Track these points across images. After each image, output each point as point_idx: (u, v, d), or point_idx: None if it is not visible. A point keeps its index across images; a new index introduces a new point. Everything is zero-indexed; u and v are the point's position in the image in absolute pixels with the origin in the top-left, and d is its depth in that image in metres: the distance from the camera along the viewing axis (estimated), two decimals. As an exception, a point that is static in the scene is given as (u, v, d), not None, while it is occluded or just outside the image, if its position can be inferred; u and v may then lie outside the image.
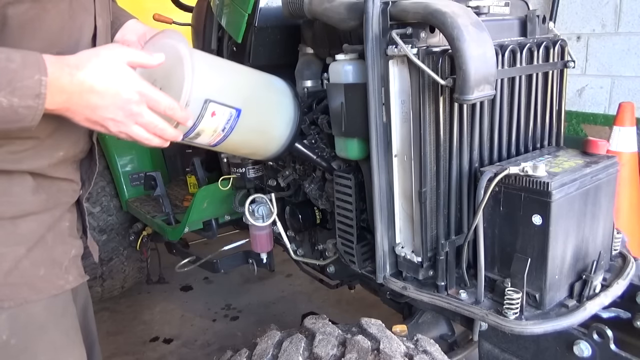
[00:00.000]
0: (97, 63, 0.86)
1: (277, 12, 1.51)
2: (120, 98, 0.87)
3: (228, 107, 1.18)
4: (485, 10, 1.24)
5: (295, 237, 1.77)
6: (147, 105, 0.91)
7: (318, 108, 1.48)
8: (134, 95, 0.89)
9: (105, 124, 0.89)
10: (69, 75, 0.83)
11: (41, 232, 0.96)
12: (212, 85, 1.15)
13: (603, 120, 3.00)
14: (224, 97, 1.17)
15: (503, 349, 1.34)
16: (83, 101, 0.85)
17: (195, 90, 1.05)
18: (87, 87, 0.84)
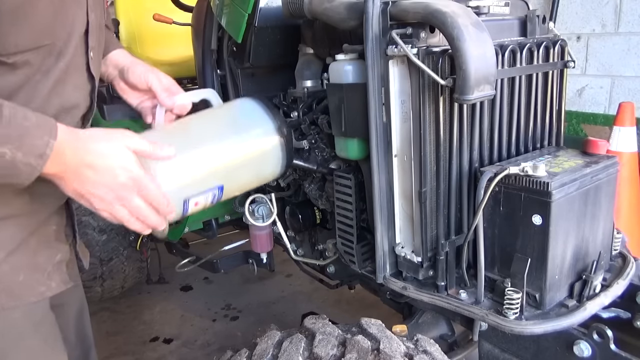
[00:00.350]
0: (105, 145, 0.89)
1: (277, 12, 1.51)
2: (115, 181, 0.89)
3: (209, 191, 1.13)
4: (485, 10, 1.24)
5: (295, 237, 1.77)
6: (137, 193, 0.92)
7: (318, 108, 1.48)
8: (129, 181, 0.90)
9: (91, 199, 0.90)
10: (74, 149, 0.85)
11: (23, 236, 0.93)
12: (185, 186, 1.09)
13: (603, 120, 3.01)
14: (200, 187, 1.12)
15: (503, 349, 1.34)
16: (78, 174, 0.87)
17: (171, 198, 1.03)
18: (86, 163, 0.87)
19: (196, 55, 1.81)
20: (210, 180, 1.14)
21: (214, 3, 1.67)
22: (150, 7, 2.74)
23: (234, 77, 1.73)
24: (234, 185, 1.20)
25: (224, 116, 1.20)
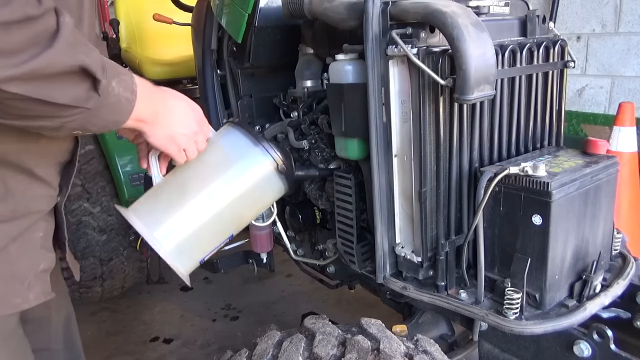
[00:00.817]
0: (169, 90, 1.01)
1: (277, 12, 1.51)
2: (191, 120, 1.03)
3: (218, 246, 1.19)
4: (485, 10, 1.24)
5: (295, 237, 1.77)
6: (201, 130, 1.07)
7: (318, 108, 1.48)
8: (200, 118, 1.06)
9: (179, 139, 1.02)
10: (157, 91, 0.95)
11: (3, 243, 0.89)
12: (194, 256, 1.16)
13: (603, 120, 3.01)
14: (211, 248, 1.18)
15: (503, 349, 1.34)
16: (165, 116, 0.97)
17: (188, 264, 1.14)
18: (169, 105, 0.98)
19: (196, 55, 1.81)
20: (219, 238, 1.18)
21: (214, 3, 1.67)
22: (150, 7, 2.75)
23: (234, 77, 1.73)
24: (241, 223, 1.22)
25: (212, 157, 1.17)
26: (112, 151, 2.44)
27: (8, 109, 0.73)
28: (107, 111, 0.83)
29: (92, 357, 2.42)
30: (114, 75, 0.82)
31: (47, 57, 0.71)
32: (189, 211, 1.12)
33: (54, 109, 0.76)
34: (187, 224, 1.12)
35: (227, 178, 1.15)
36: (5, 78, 0.68)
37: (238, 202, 1.16)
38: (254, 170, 1.17)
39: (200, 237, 1.14)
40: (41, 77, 0.72)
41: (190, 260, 1.15)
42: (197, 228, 1.12)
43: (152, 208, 1.12)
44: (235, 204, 1.16)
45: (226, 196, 1.15)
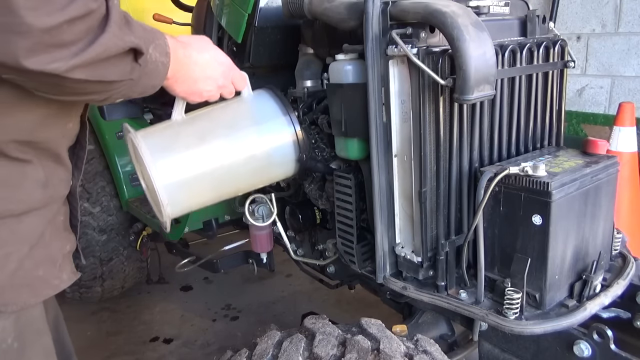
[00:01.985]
0: (200, 43, 1.05)
1: (277, 12, 1.51)
2: (216, 73, 1.06)
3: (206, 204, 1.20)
4: (485, 10, 1.24)
5: (295, 237, 1.77)
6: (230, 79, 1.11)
7: (318, 108, 1.48)
8: (226, 70, 1.09)
9: (203, 92, 1.06)
10: (182, 48, 0.97)
11: (42, 228, 0.92)
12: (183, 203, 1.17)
13: (603, 120, 3.01)
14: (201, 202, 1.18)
15: (503, 349, 1.34)
16: (189, 73, 1.01)
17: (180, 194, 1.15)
18: (193, 60, 1.01)
19: (196, 55, 1.81)
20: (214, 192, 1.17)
21: (214, 3, 1.67)
22: (150, 7, 2.74)
23: (234, 77, 1.73)
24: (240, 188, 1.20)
25: (238, 112, 1.19)
26: (112, 151, 2.44)
27: (65, 89, 0.78)
28: (147, 77, 0.87)
29: (92, 357, 2.42)
30: (151, 42, 0.85)
31: (102, 43, 0.75)
32: (198, 155, 1.12)
33: (105, 86, 0.81)
34: (191, 166, 1.11)
35: (244, 135, 1.15)
36: (71, 67, 0.73)
37: (247, 163, 1.16)
38: (274, 135, 1.18)
39: (196, 184, 1.12)
40: (98, 61, 0.76)
41: (177, 203, 1.12)
42: (197, 174, 1.11)
43: (163, 139, 1.12)
44: (243, 165, 1.15)
45: (238, 152, 1.15)
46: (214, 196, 1.17)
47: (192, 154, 1.11)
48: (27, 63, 0.69)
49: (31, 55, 0.69)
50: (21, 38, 0.68)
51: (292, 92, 1.61)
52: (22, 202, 0.87)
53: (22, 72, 0.71)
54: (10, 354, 0.92)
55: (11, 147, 0.84)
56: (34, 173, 0.89)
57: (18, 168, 0.86)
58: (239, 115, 1.16)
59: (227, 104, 1.13)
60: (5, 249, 0.86)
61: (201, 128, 1.13)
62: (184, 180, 1.10)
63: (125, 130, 1.10)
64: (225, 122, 1.15)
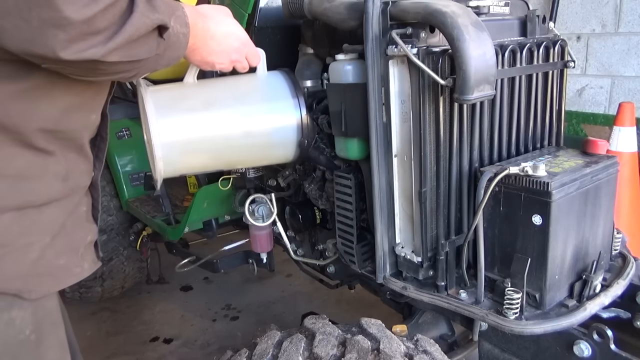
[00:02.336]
0: (220, 16, 1.06)
1: (277, 12, 1.51)
2: (231, 47, 1.08)
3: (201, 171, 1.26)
4: (485, 10, 1.24)
5: (295, 237, 1.77)
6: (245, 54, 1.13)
7: (318, 108, 1.48)
8: (241, 46, 1.11)
9: (215, 63, 1.06)
10: (200, 18, 0.98)
11: (63, 219, 0.94)
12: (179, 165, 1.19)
13: (603, 120, 3.01)
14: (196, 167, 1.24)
15: (503, 349, 1.34)
16: (205, 44, 1.02)
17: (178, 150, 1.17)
18: (211, 34, 1.02)
19: (196, 55, 1.81)
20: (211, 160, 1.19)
21: (214, 3, 1.67)
22: (150, 7, 2.74)
23: (234, 77, 1.73)
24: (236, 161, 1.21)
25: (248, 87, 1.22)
26: (112, 151, 2.44)
27: (101, 72, 0.80)
28: (170, 50, 0.88)
29: (92, 357, 2.42)
30: (172, 15, 0.86)
31: (132, 24, 0.77)
32: (199, 119, 1.14)
33: (136, 64, 0.83)
34: (191, 129, 1.14)
35: (249, 109, 1.17)
36: (107, 51, 0.75)
37: (247, 136, 1.17)
38: (279, 115, 1.19)
39: (193, 148, 1.15)
40: (131, 42, 0.78)
41: (172, 163, 1.15)
42: (196, 138, 1.14)
43: (170, 97, 1.14)
44: (243, 138, 1.17)
45: (239, 125, 1.16)
46: (208, 163, 1.21)
47: (194, 117, 1.14)
48: (65, 54, 0.71)
49: (69, 46, 0.71)
50: (61, 31, 0.70)
51: (292, 92, 1.61)
52: (42, 193, 0.89)
53: (62, 62, 0.73)
54: (27, 345, 0.93)
55: (37, 136, 0.85)
56: (55, 166, 0.90)
57: (40, 160, 0.88)
58: (248, 90, 1.19)
59: (239, 77, 1.16)
60: (27, 239, 0.88)
61: (208, 94, 1.16)
62: (181, 141, 1.13)
63: (137, 84, 1.13)
64: (233, 93, 1.18)
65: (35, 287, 0.91)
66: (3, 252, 0.86)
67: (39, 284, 0.92)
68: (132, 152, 2.47)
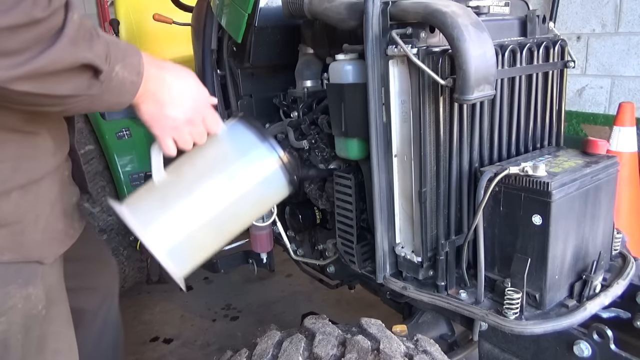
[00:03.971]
0: (180, 71, 1.01)
1: (277, 12, 1.51)
2: (187, 105, 1.00)
3: (216, 250, 1.16)
4: (485, 10, 1.24)
5: (295, 237, 1.77)
6: (202, 118, 1.04)
7: (318, 108, 1.48)
8: (199, 106, 1.02)
9: (166, 123, 0.99)
10: (155, 68, 0.94)
11: (56, 188, 1.01)
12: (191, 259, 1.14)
13: (603, 120, 3.01)
14: (208, 251, 1.15)
15: (503, 349, 1.34)
16: (157, 97, 0.96)
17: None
18: (167, 84, 0.97)
19: (196, 55, 1.81)
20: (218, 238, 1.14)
21: (214, 3, 1.67)
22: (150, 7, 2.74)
23: (234, 77, 1.73)
24: (242, 225, 1.18)
25: (218, 152, 1.12)
26: (112, 151, 2.43)
27: (15, 101, 0.78)
28: (110, 95, 0.86)
29: (92, 357, 2.41)
30: (119, 60, 0.84)
31: (50, 56, 0.73)
32: (187, 209, 1.06)
33: (58, 100, 0.81)
34: (184, 223, 1.06)
35: (229, 174, 1.09)
36: (11, 78, 0.71)
37: (240, 201, 1.11)
38: (259, 167, 1.11)
39: (198, 238, 1.09)
40: (44, 75, 0.75)
41: (185, 262, 1.10)
42: (194, 228, 1.07)
43: (147, 204, 1.07)
44: (236, 204, 1.10)
45: (227, 194, 1.09)
46: (220, 241, 1.14)
47: (183, 211, 1.06)
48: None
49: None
50: None
51: (292, 92, 1.61)
52: (40, 170, 0.96)
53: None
54: (38, 319, 1.01)
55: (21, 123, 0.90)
56: (44, 143, 0.96)
57: (30, 142, 0.93)
58: (219, 155, 1.11)
59: (204, 147, 1.08)
60: (35, 212, 0.97)
61: (185, 180, 1.08)
62: (183, 240, 1.07)
63: (111, 205, 1.08)
64: (207, 165, 1.09)
65: (47, 252, 1.00)
66: (20, 228, 0.94)
67: (49, 249, 1.01)
68: (132, 152, 2.47)
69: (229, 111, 1.80)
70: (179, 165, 1.10)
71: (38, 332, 1.01)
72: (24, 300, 0.97)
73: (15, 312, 0.96)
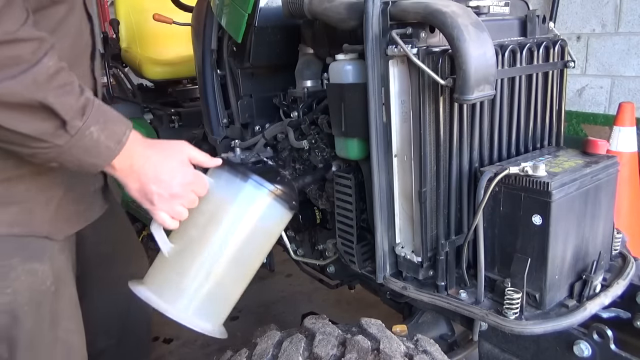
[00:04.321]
0: (168, 148, 1.04)
1: (277, 12, 1.51)
2: (175, 181, 1.03)
3: (242, 290, 1.22)
4: (485, 10, 1.24)
5: (295, 237, 1.77)
6: (191, 191, 1.06)
7: (318, 108, 1.48)
8: (187, 181, 1.05)
9: (153, 198, 1.02)
10: (142, 146, 0.99)
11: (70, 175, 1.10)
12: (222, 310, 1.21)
13: (603, 120, 3.01)
14: (236, 296, 1.21)
15: (503, 349, 1.34)
16: (143, 172, 1.00)
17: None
18: (152, 162, 1.00)
19: (196, 55, 1.81)
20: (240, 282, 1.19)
21: (214, 3, 1.67)
22: (150, 7, 2.74)
23: (234, 77, 1.73)
24: (258, 261, 1.21)
25: (212, 204, 1.13)
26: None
27: None
28: (81, 152, 0.90)
29: (92, 357, 2.41)
30: (98, 122, 0.89)
31: (6, 87, 0.79)
32: (202, 271, 1.10)
33: (21, 138, 0.86)
34: (204, 285, 1.10)
35: (229, 224, 1.12)
36: None
37: (249, 243, 1.14)
38: (253, 207, 1.14)
39: (221, 291, 1.13)
40: (2, 103, 0.80)
41: (219, 315, 1.16)
42: (215, 285, 1.11)
43: (165, 279, 1.11)
44: (246, 246, 1.13)
45: (234, 242, 1.12)
46: (240, 285, 1.18)
47: (196, 273, 1.10)
48: None
49: None
50: None
51: (292, 92, 1.61)
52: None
53: None
54: (48, 295, 1.09)
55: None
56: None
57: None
58: (215, 209, 1.12)
59: (199, 205, 1.10)
60: (47, 194, 1.08)
61: (187, 245, 1.11)
62: (207, 300, 1.11)
63: (134, 290, 1.11)
64: (207, 222, 1.11)
65: (57, 230, 1.10)
66: (30, 207, 1.05)
67: (59, 227, 1.11)
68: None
69: (229, 111, 1.80)
70: (180, 230, 1.11)
71: (49, 307, 1.09)
72: (27, 274, 1.05)
73: (21, 284, 1.04)
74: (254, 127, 1.75)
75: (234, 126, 1.78)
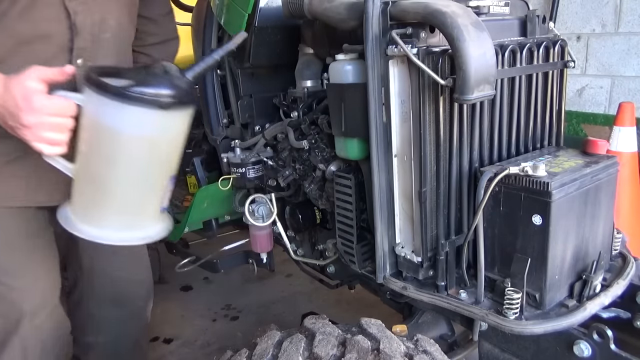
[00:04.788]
0: (6, 83, 1.04)
1: (277, 12, 1.51)
2: (8, 103, 1.03)
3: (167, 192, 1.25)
4: (485, 10, 1.24)
5: (295, 237, 1.77)
6: (30, 111, 1.03)
7: (318, 108, 1.48)
8: (19, 100, 1.02)
9: (17, 132, 1.05)
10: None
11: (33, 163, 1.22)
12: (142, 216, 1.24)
13: (603, 120, 3.00)
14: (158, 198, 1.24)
15: (503, 349, 1.34)
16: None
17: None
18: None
19: (196, 55, 1.81)
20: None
21: (214, 3, 1.67)
22: (150, 7, 2.73)
23: (234, 77, 1.73)
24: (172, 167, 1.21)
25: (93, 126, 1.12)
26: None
27: None
28: None
29: (92, 357, 2.41)
30: None
31: None
32: (100, 182, 1.13)
33: None
34: (120, 207, 1.15)
35: (106, 134, 1.09)
36: None
37: (131, 148, 1.11)
38: (148, 127, 1.09)
39: (140, 203, 1.18)
40: None
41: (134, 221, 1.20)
42: (131, 202, 1.16)
43: (78, 199, 1.17)
44: (130, 151, 1.11)
45: (117, 150, 1.10)
46: (147, 190, 1.19)
47: (106, 202, 1.15)
48: None
49: None
50: None
51: (292, 92, 1.61)
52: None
53: None
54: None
55: None
56: None
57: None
58: (88, 121, 1.10)
59: (81, 122, 1.10)
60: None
61: (84, 158, 1.13)
62: (128, 218, 1.18)
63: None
64: (87, 135, 1.12)
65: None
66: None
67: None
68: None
69: (229, 111, 1.80)
70: (77, 148, 1.13)
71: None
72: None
73: None
74: (254, 127, 1.75)
75: (234, 126, 1.78)
